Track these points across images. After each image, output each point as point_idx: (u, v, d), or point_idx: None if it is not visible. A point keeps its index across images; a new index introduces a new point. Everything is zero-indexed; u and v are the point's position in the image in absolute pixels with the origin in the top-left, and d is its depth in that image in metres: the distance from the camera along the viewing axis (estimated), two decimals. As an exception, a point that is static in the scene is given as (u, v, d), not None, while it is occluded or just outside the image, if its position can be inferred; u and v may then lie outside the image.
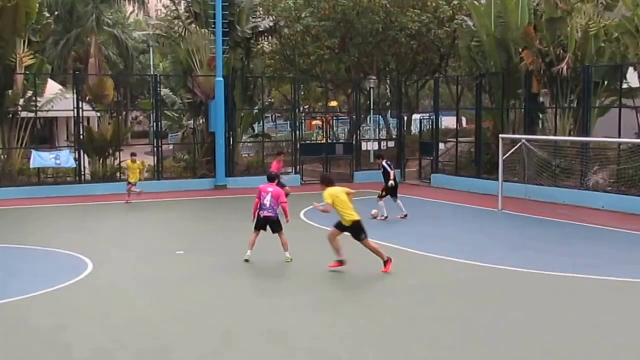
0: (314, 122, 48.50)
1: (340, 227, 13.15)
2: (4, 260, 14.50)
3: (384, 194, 19.71)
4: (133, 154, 24.10)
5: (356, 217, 13.05)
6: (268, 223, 14.01)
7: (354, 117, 33.69)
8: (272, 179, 14.83)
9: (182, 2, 33.10)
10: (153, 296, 11.64)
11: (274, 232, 14.08)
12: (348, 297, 11.42)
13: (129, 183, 23.54)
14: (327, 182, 13.65)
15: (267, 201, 13.99)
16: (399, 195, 20.04)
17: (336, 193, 13.18)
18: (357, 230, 13.06)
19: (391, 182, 19.46)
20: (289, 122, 40.94)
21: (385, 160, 20.24)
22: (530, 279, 12.57)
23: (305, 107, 40.46)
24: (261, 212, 14.02)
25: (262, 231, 14.08)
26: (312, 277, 12.88)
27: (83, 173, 27.23)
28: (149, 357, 8.65)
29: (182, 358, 8.58)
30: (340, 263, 13.23)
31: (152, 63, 58.25)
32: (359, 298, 11.35)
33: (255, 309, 10.69)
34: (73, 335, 9.41)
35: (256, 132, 35.59)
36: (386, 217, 19.39)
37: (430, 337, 9.39)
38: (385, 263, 13.02)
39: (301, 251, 15.24)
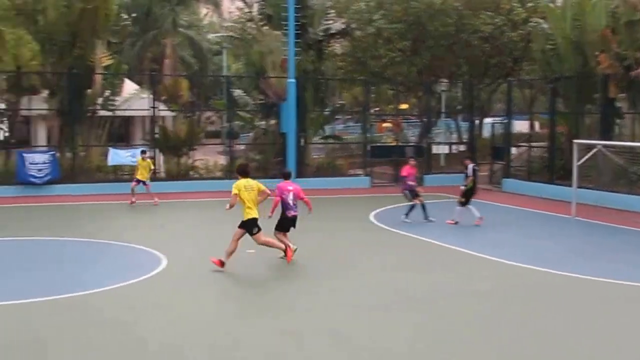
0: (384, 125, 48.38)
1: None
2: (81, 253, 14.99)
3: (464, 199, 19.17)
4: (143, 152, 24.05)
5: (253, 215, 12.92)
6: (295, 221, 14.07)
7: (425, 119, 33.49)
8: (287, 176, 14.88)
9: (255, 4, 33.50)
10: (222, 293, 11.84)
11: (294, 227, 14.11)
12: (416, 299, 11.37)
13: (137, 180, 22.80)
14: (241, 172, 13.39)
15: (291, 200, 14.04)
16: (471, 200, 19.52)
17: (244, 186, 12.98)
18: (249, 226, 12.96)
19: (463, 186, 19.14)
20: (359, 124, 40.96)
21: (473, 164, 19.52)
22: (603, 288, 12.29)
23: (376, 109, 40.37)
24: (288, 212, 14.03)
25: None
26: (378, 278, 12.89)
27: (158, 171, 27.88)
28: (218, 353, 8.79)
29: (251, 355, 8.69)
30: (287, 251, 13.48)
31: (225, 64, 59.01)
32: (426, 301, 11.29)
33: (322, 309, 10.74)
34: (146, 329, 9.65)
35: (326, 133, 35.75)
36: (456, 222, 19.10)
37: (497, 342, 9.30)
38: (285, 252, 13.20)
39: (369, 253, 15.32)
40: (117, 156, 26.54)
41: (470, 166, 19.31)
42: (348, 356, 8.78)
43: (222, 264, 13.03)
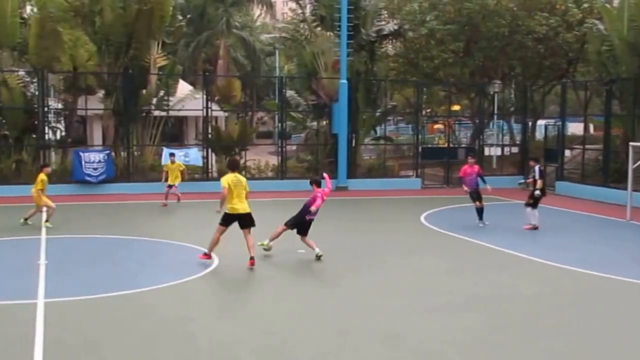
0: (436, 126, 48.10)
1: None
2: (136, 252, 15.27)
3: (531, 201, 18.61)
4: (172, 154, 23.96)
5: (238, 211, 13.47)
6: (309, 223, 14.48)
7: (477, 121, 33.16)
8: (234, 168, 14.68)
9: (308, 6, 33.64)
10: (274, 293, 11.90)
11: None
12: (468, 302, 11.27)
13: (169, 185, 22.60)
14: (232, 167, 14.14)
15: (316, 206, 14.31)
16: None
17: (233, 181, 13.49)
18: (228, 219, 13.53)
19: (537, 192, 18.35)
20: (410, 125, 40.76)
21: (539, 166, 18.93)
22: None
23: (427, 110, 40.15)
24: (309, 216, 14.40)
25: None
26: (430, 280, 12.84)
27: (210, 170, 28.19)
28: (266, 352, 8.84)
29: (299, 356, 8.73)
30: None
31: (277, 65, 59.45)
32: (479, 304, 11.18)
33: (371, 310, 10.72)
34: (197, 326, 9.76)
35: (378, 134, 35.69)
36: (536, 227, 18.44)
37: (548, 347, 9.16)
38: (206, 254, 13.65)
39: (420, 255, 15.25)
40: (171, 156, 26.88)
41: (537, 168, 18.69)
42: (400, 358, 8.75)
43: (208, 256, 13.75)
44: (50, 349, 8.62)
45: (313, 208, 14.17)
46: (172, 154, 24.13)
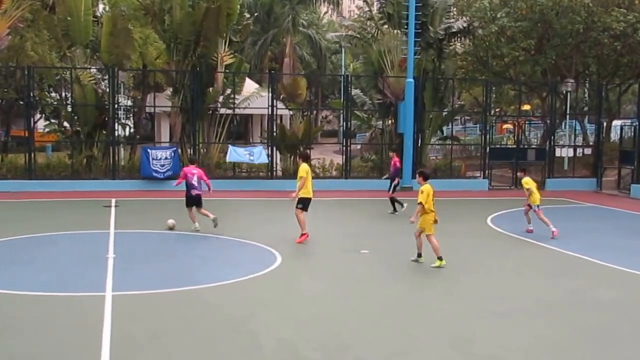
0: (505, 126, 47.19)
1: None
2: (200, 248, 15.29)
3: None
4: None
5: (311, 196, 15.67)
6: (198, 199, 16.90)
7: (549, 121, 32.30)
8: (192, 162, 18.27)
9: (375, 3, 33.33)
10: (337, 292, 11.72)
11: (198, 206, 16.92)
12: (538, 308, 10.85)
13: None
14: (306, 158, 16.36)
15: (195, 181, 16.83)
16: None
17: (309, 171, 15.75)
18: (305, 203, 15.58)
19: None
20: (478, 125, 40.07)
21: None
22: None
23: (496, 110, 39.35)
24: (192, 190, 16.83)
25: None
26: (496, 284, 12.48)
27: (275, 169, 28.20)
28: (331, 352, 8.68)
29: (364, 356, 8.54)
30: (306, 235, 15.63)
31: (343, 63, 59.36)
32: (549, 310, 10.74)
33: (438, 313, 10.46)
34: (260, 324, 9.66)
35: (444, 134, 35.15)
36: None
37: (627, 358, 8.70)
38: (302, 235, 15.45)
39: (486, 257, 14.86)
40: (236, 154, 27.01)
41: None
42: (465, 364, 8.48)
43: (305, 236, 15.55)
44: (116, 340, 8.73)
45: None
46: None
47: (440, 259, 13.39)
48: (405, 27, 27.83)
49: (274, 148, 28.39)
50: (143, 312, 10.11)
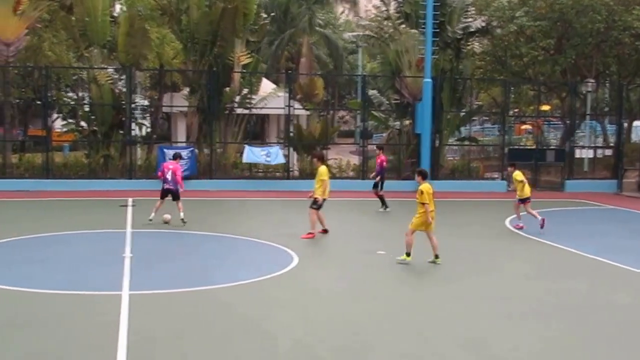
0: (524, 127, 46.83)
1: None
2: (215, 248, 15.24)
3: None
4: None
5: (326, 196, 16.32)
6: (170, 192, 17.71)
7: (568, 122, 31.96)
8: (174, 157, 18.85)
9: (393, 3, 33.15)
10: (353, 293, 11.61)
11: (174, 199, 17.67)
12: (555, 310, 10.67)
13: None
14: (321, 158, 17.05)
15: (168, 175, 17.61)
16: None
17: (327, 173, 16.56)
18: (322, 203, 16.29)
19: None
20: (496, 126, 39.77)
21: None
22: None
23: (515, 110, 39.03)
24: (164, 184, 17.68)
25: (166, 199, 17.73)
26: (512, 286, 12.30)
27: (291, 169, 28.09)
28: (348, 353, 8.58)
29: (380, 357, 8.42)
30: (325, 231, 16.49)
31: (360, 63, 59.16)
32: (567, 312, 10.57)
33: (454, 315, 10.31)
34: (276, 325, 9.56)
35: (462, 135, 34.89)
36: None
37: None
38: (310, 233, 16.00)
39: (503, 259, 14.68)
40: (252, 154, 26.93)
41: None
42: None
43: (325, 231, 16.46)
44: (133, 339, 8.68)
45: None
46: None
47: (408, 255, 13.55)
48: (423, 26, 27.61)
49: (291, 148, 28.27)
50: (159, 312, 10.05)
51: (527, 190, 18.06)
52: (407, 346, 8.87)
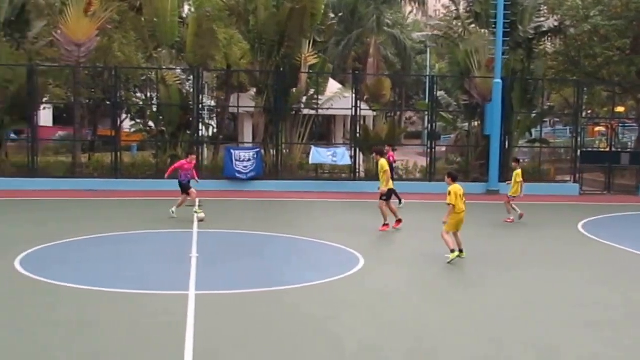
0: (597, 129, 45.55)
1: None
2: (282, 249, 15.16)
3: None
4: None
5: (391, 186, 17.37)
6: (181, 185, 18.99)
7: (644, 124, 30.89)
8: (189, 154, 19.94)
9: (462, 2, 32.64)
10: (419, 297, 11.38)
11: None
12: (630, 318, 10.19)
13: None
14: (381, 153, 18.15)
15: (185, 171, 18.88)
16: None
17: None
18: (388, 194, 17.26)
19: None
20: (568, 128, 38.73)
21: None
22: None
23: (588, 111, 37.94)
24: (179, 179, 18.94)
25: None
26: (588, 293, 11.85)
27: (357, 170, 27.89)
28: (417, 356, 8.41)
29: (453, 363, 8.20)
30: (399, 221, 17.37)
31: (428, 63, 58.58)
32: (633, 322, 10.11)
33: (525, 320, 9.96)
34: (343, 326, 9.42)
35: (533, 136, 34.06)
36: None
37: None
38: (392, 223, 17.11)
39: (578, 265, 14.16)
40: (319, 155, 26.85)
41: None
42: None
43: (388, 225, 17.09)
44: (200, 339, 8.64)
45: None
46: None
47: (453, 251, 13.56)
48: (494, 26, 27.07)
49: (357, 149, 28.07)
50: (226, 312, 9.99)
51: (518, 190, 19.39)
52: (478, 351, 8.60)
